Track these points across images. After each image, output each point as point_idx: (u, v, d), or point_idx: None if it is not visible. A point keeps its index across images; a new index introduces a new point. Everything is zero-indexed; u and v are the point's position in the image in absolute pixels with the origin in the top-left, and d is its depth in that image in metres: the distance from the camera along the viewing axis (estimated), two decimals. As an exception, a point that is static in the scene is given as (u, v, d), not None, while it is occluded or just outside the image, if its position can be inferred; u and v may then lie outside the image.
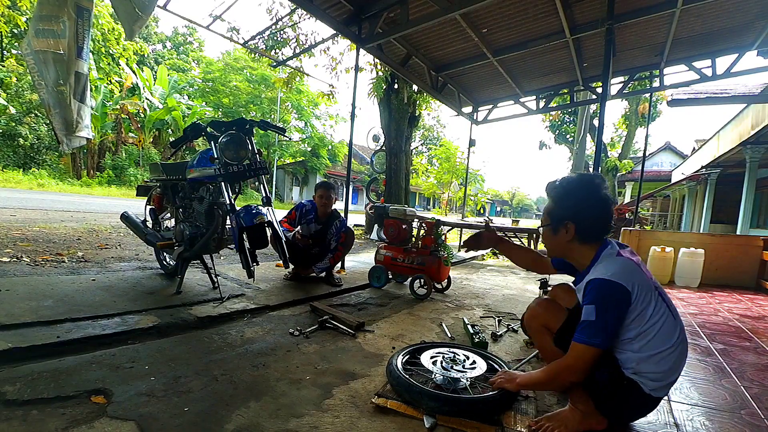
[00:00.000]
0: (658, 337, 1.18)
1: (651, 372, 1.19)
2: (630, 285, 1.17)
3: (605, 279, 1.18)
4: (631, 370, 1.20)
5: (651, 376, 1.19)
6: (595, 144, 3.42)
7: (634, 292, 1.17)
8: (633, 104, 15.58)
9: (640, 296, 1.18)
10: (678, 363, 1.22)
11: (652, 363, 1.18)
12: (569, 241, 1.31)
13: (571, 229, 1.29)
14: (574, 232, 1.29)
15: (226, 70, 25.40)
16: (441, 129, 23.57)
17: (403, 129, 8.60)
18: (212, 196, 2.62)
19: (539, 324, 1.39)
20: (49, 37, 2.98)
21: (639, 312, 1.18)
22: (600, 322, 1.15)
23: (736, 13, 4.56)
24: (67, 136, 3.23)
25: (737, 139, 7.68)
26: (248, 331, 2.22)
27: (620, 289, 1.16)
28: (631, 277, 1.19)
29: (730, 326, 2.98)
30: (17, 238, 4.00)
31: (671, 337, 1.20)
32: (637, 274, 1.21)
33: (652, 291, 1.21)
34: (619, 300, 1.16)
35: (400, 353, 1.77)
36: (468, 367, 1.68)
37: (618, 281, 1.16)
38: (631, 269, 1.21)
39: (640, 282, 1.19)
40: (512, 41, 5.22)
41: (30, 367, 1.54)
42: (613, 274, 1.18)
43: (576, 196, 1.30)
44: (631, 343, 1.21)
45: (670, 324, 1.21)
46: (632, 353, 1.20)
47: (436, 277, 3.48)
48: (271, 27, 8.01)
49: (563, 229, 1.31)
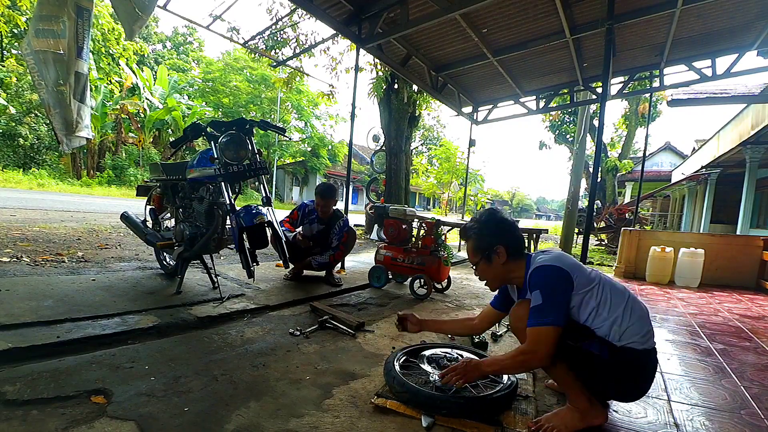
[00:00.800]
0: (614, 297, 1.31)
1: (630, 327, 1.27)
2: (565, 266, 1.31)
3: (543, 265, 1.33)
4: (617, 337, 1.27)
5: (632, 331, 1.27)
6: (595, 144, 3.42)
7: (570, 270, 1.30)
8: (633, 104, 15.56)
9: (577, 273, 1.31)
10: (642, 311, 1.32)
11: (626, 319, 1.28)
12: (504, 263, 1.45)
13: (502, 250, 1.44)
14: (505, 252, 1.44)
15: (226, 70, 25.40)
16: (441, 129, 23.58)
17: (403, 129, 8.60)
18: (212, 196, 2.62)
19: (524, 325, 1.40)
20: (49, 37, 2.98)
21: (585, 286, 1.30)
22: (549, 302, 1.26)
23: (736, 13, 4.56)
24: (67, 136, 3.23)
25: (737, 139, 7.68)
26: (248, 331, 2.22)
27: (557, 269, 1.30)
28: (562, 260, 1.34)
29: (730, 326, 2.98)
30: (17, 238, 4.00)
31: (622, 293, 1.33)
32: (567, 258, 1.36)
33: (584, 268, 1.36)
34: (560, 278, 1.29)
35: (398, 354, 1.77)
36: None
37: (553, 264, 1.31)
38: (561, 255, 1.37)
39: (572, 263, 1.34)
40: (512, 41, 5.22)
41: (30, 367, 1.54)
42: (547, 260, 1.34)
43: (491, 224, 1.48)
44: (599, 314, 1.30)
45: (613, 284, 1.35)
46: (607, 321, 1.29)
47: (436, 277, 3.48)
48: (271, 27, 8.01)
49: (495, 255, 1.45)
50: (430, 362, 1.72)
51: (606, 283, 1.35)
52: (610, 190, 15.42)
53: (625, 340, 1.27)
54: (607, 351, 1.27)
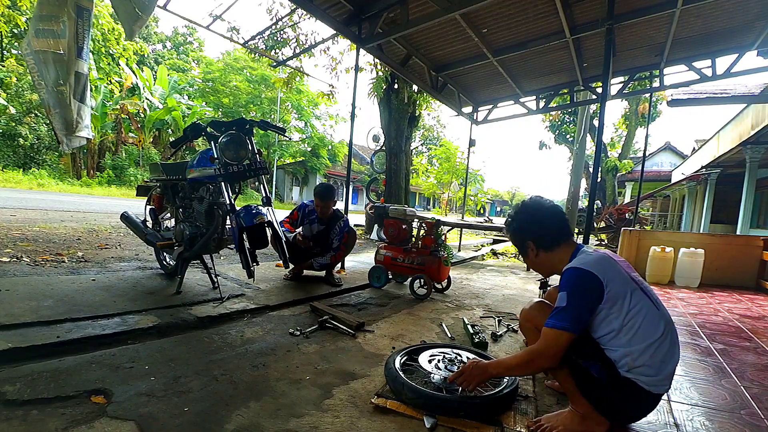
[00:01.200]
0: (644, 329, 1.20)
1: (644, 366, 1.20)
2: (601, 274, 1.22)
3: (576, 267, 1.26)
4: (625, 367, 1.21)
5: (644, 371, 1.20)
6: (595, 144, 3.42)
7: (606, 281, 1.22)
8: (633, 104, 15.58)
9: (613, 286, 1.22)
10: (669, 355, 1.22)
11: (645, 356, 1.19)
12: (538, 255, 1.45)
13: (532, 245, 1.45)
14: (534, 246, 1.44)
15: (226, 70, 25.38)
16: (441, 129, 23.53)
17: (403, 129, 8.60)
18: (212, 196, 2.62)
19: (533, 326, 1.40)
20: (49, 37, 2.98)
21: (616, 302, 1.21)
22: (570, 308, 1.21)
23: (736, 13, 4.55)
24: (67, 136, 3.23)
25: (737, 139, 7.68)
26: (248, 331, 2.22)
27: (590, 277, 1.22)
28: (602, 267, 1.25)
29: (730, 326, 2.98)
30: (17, 238, 4.00)
31: (657, 327, 1.21)
32: (610, 265, 1.27)
33: (629, 283, 1.25)
34: (589, 287, 1.22)
35: (398, 354, 1.77)
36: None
37: (589, 269, 1.24)
38: (604, 261, 1.28)
39: (614, 273, 1.25)
40: (512, 41, 5.22)
41: (30, 367, 1.54)
42: (585, 263, 1.26)
43: (519, 221, 1.49)
44: (618, 337, 1.22)
45: (653, 315, 1.23)
46: (622, 348, 1.21)
47: (436, 277, 3.48)
48: (271, 27, 8.01)
49: (529, 250, 1.46)
50: (430, 362, 1.72)
51: (644, 310, 1.23)
52: (610, 190, 15.43)
53: (634, 374, 1.20)
54: (606, 375, 1.23)
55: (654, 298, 1.28)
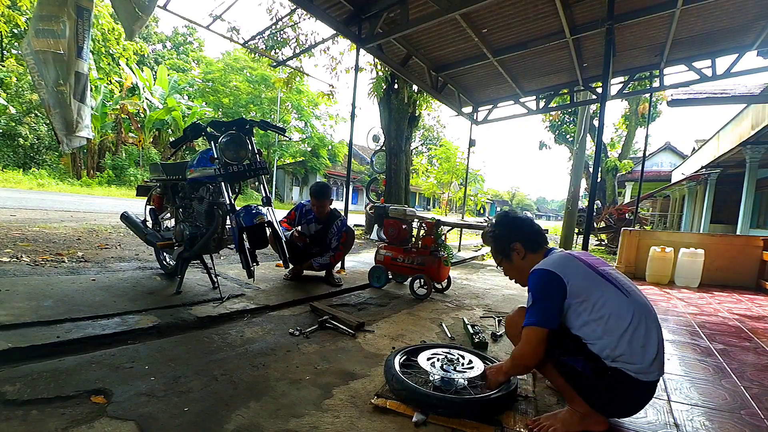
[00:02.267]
0: (614, 318, 1.25)
1: (624, 354, 1.22)
2: (561, 271, 1.31)
3: (537, 269, 1.37)
4: (609, 358, 1.24)
5: (627, 358, 1.22)
6: (595, 144, 3.42)
7: (566, 277, 1.30)
8: (633, 104, 15.57)
9: (575, 281, 1.30)
10: (647, 339, 1.24)
11: (623, 345, 1.22)
12: (524, 258, 1.51)
13: (519, 246, 1.52)
14: (522, 248, 1.51)
15: (226, 70, 25.38)
16: (441, 129, 23.51)
17: (403, 129, 8.60)
18: (212, 196, 2.62)
19: (518, 332, 1.42)
20: (49, 37, 2.98)
21: (580, 296, 1.28)
22: (536, 305, 1.31)
23: (736, 13, 4.55)
24: (67, 136, 3.23)
25: (737, 139, 7.68)
26: (248, 331, 2.22)
27: (549, 275, 1.32)
28: (562, 264, 1.34)
29: (730, 326, 2.98)
30: (17, 238, 4.00)
31: (626, 315, 1.25)
32: (570, 262, 1.36)
33: (592, 276, 1.32)
34: (549, 283, 1.31)
35: (398, 354, 1.77)
36: (465, 367, 1.68)
37: (548, 268, 1.33)
38: (565, 259, 1.37)
39: (574, 268, 1.33)
40: (512, 41, 5.22)
41: (30, 367, 1.54)
42: (545, 264, 1.36)
43: (504, 224, 1.58)
44: (591, 329, 1.26)
45: (621, 303, 1.27)
46: (600, 340, 1.25)
47: (436, 277, 3.48)
48: (271, 27, 8.01)
49: (514, 252, 1.53)
50: (429, 362, 1.72)
51: (611, 301, 1.27)
52: (610, 190, 15.42)
53: (619, 364, 1.22)
54: (590, 369, 1.25)
55: (624, 287, 1.31)
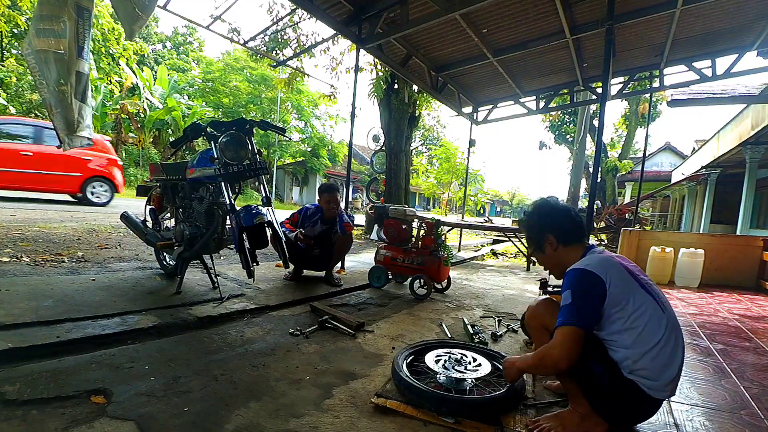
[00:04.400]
0: (648, 331, 1.20)
1: (646, 369, 1.19)
2: (603, 274, 1.24)
3: (579, 268, 1.29)
4: (627, 369, 1.21)
5: (646, 373, 1.19)
6: (595, 144, 3.42)
7: (608, 281, 1.23)
8: (633, 104, 15.59)
9: (616, 287, 1.23)
10: (671, 358, 1.21)
11: (645, 360, 1.19)
12: (556, 250, 1.44)
13: (552, 238, 1.44)
14: (555, 240, 1.43)
15: (226, 70, 25.37)
16: (441, 129, 23.48)
17: (403, 129, 8.60)
18: (212, 196, 2.62)
19: (539, 323, 1.41)
20: (50, 37, 2.98)
21: (619, 303, 1.23)
22: (575, 305, 1.23)
23: (736, 14, 4.56)
24: (68, 136, 3.23)
25: (737, 139, 7.68)
26: (248, 331, 2.22)
27: (592, 276, 1.25)
28: (605, 268, 1.27)
29: (729, 326, 2.98)
30: (17, 238, 4.00)
31: (657, 331, 1.21)
32: (613, 267, 1.28)
33: (633, 285, 1.26)
34: (591, 285, 1.24)
35: (404, 352, 1.78)
36: (473, 367, 1.69)
37: (591, 270, 1.26)
38: (608, 263, 1.30)
39: (617, 274, 1.26)
40: (512, 41, 5.22)
41: (30, 367, 1.54)
42: (588, 264, 1.28)
43: (539, 214, 1.49)
44: (621, 338, 1.22)
45: (657, 316, 1.23)
46: (625, 350, 1.21)
47: (436, 277, 3.48)
48: (272, 27, 8.01)
49: (547, 243, 1.45)
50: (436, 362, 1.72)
51: (648, 312, 1.23)
52: (610, 190, 15.44)
53: (635, 376, 1.20)
54: (608, 377, 1.23)
55: (661, 299, 1.28)
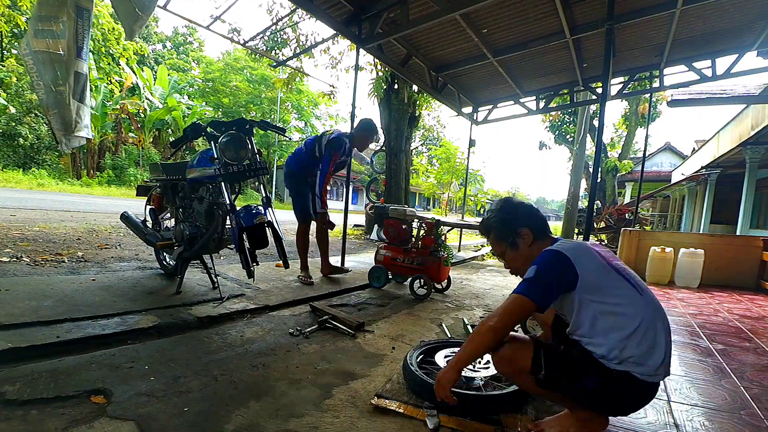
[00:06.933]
0: (625, 316, 1.17)
1: (633, 355, 1.15)
2: (574, 258, 1.21)
3: (551, 249, 1.26)
4: (616, 359, 1.17)
5: (635, 359, 1.15)
6: (595, 144, 3.42)
7: (579, 266, 1.20)
8: (633, 105, 15.58)
9: (588, 272, 1.20)
10: (656, 340, 1.17)
11: (632, 345, 1.15)
12: (531, 245, 1.39)
13: (527, 232, 1.39)
14: (531, 233, 1.39)
15: (226, 70, 25.42)
16: (441, 129, 23.47)
17: (403, 129, 8.60)
18: (212, 196, 2.62)
19: (513, 370, 1.28)
20: (48, 38, 2.98)
21: (594, 289, 1.19)
22: (536, 279, 1.19)
23: (736, 14, 4.55)
24: (66, 136, 3.23)
25: (737, 139, 7.68)
26: (248, 331, 2.22)
27: (561, 256, 1.22)
28: (577, 252, 1.24)
29: (729, 326, 2.98)
30: (17, 238, 4.00)
31: (638, 313, 1.18)
32: (586, 252, 1.25)
33: (607, 269, 1.23)
34: (558, 262, 1.21)
35: (416, 351, 1.79)
36: (482, 366, 1.69)
37: (563, 251, 1.23)
38: (580, 248, 1.27)
39: (589, 259, 1.23)
40: (512, 42, 5.22)
41: (30, 367, 1.54)
42: (561, 247, 1.26)
43: (510, 208, 1.45)
44: (602, 325, 1.18)
45: (635, 301, 1.20)
46: (608, 339, 1.17)
47: (436, 277, 3.48)
48: (271, 27, 8.01)
49: (520, 238, 1.40)
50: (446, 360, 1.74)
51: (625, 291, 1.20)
52: (610, 190, 15.43)
53: (626, 366, 1.16)
54: (601, 382, 1.18)
55: (637, 284, 1.24)
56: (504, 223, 1.43)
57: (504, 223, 1.43)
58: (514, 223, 1.41)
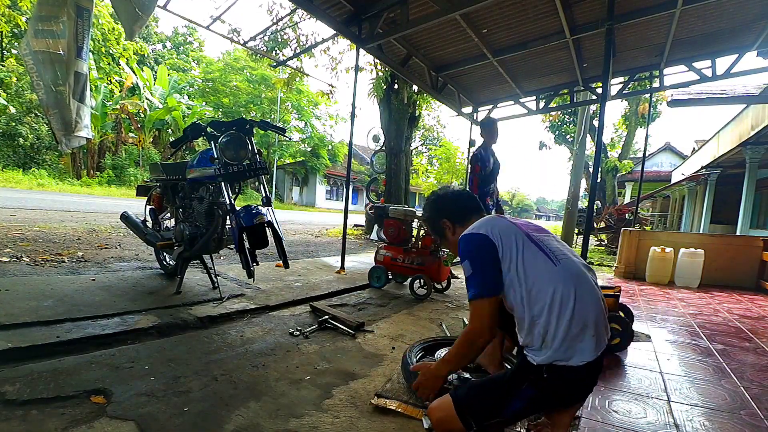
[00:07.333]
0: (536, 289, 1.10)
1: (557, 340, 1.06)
2: (489, 232, 1.21)
3: (466, 233, 1.27)
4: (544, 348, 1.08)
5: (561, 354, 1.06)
6: (595, 144, 3.42)
7: (495, 237, 1.20)
8: (633, 105, 15.57)
9: (505, 241, 1.19)
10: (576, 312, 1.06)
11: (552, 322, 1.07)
12: (455, 232, 1.42)
13: (447, 222, 1.45)
14: (450, 222, 1.45)
15: (226, 70, 25.39)
16: (441, 129, 23.50)
17: (403, 129, 8.60)
18: (212, 196, 2.62)
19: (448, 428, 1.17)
20: (48, 38, 2.98)
21: (507, 257, 1.17)
22: (476, 274, 1.19)
23: (736, 14, 4.55)
24: (65, 136, 3.23)
25: (737, 139, 7.68)
26: (248, 331, 2.22)
27: (478, 237, 1.22)
28: (489, 225, 1.25)
29: (729, 326, 2.98)
30: (17, 238, 4.00)
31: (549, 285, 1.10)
32: (498, 223, 1.26)
33: (520, 237, 1.20)
34: (481, 246, 1.21)
35: (415, 347, 1.80)
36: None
37: (475, 231, 1.25)
38: (491, 221, 1.28)
39: (502, 228, 1.23)
40: (512, 41, 5.22)
41: (30, 367, 1.54)
42: (474, 228, 1.27)
43: (430, 206, 1.52)
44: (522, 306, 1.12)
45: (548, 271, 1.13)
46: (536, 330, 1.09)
47: (436, 277, 3.48)
48: (272, 27, 8.01)
49: (444, 228, 1.46)
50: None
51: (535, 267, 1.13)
52: (610, 190, 15.43)
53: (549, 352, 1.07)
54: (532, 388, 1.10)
55: (554, 254, 1.17)
56: (428, 220, 1.53)
57: (428, 220, 1.53)
58: (435, 217, 1.48)
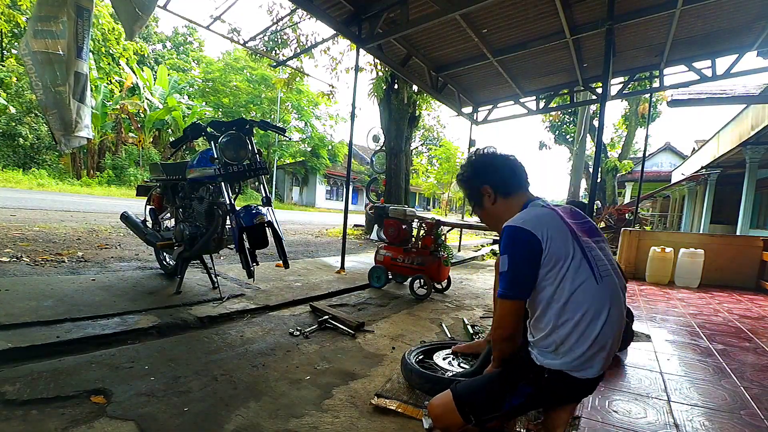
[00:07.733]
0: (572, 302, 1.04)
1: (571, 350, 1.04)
2: (537, 230, 1.08)
3: (513, 225, 1.12)
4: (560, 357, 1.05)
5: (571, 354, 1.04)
6: (595, 144, 3.42)
7: (543, 237, 1.08)
8: (633, 105, 15.58)
9: (554, 244, 1.08)
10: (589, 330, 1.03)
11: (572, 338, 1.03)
12: (494, 203, 1.30)
13: (489, 189, 1.30)
14: (492, 191, 1.29)
15: (226, 70, 25.40)
16: (441, 129, 23.51)
17: (403, 129, 8.60)
18: (212, 196, 2.62)
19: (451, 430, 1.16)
20: (48, 38, 2.98)
21: (551, 263, 1.07)
22: (511, 272, 1.10)
23: (736, 14, 4.55)
24: (65, 136, 3.22)
25: (737, 139, 7.68)
26: (248, 331, 2.22)
27: (523, 233, 1.09)
28: (540, 222, 1.11)
29: (729, 327, 2.98)
30: (17, 238, 4.00)
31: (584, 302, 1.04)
32: (552, 222, 1.12)
33: (571, 244, 1.09)
34: (524, 245, 1.09)
35: (413, 351, 1.80)
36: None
37: (522, 225, 1.10)
38: (546, 217, 1.14)
39: (555, 230, 1.10)
40: (512, 42, 5.22)
41: (30, 367, 1.54)
42: (524, 221, 1.12)
43: (473, 168, 1.34)
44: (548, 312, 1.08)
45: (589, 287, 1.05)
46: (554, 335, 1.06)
47: (436, 277, 3.48)
48: (272, 27, 8.01)
49: (484, 196, 1.31)
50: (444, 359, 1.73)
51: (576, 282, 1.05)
52: (610, 190, 15.44)
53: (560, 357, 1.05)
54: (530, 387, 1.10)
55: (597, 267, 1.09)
56: (467, 181, 1.35)
57: (467, 181, 1.35)
58: (476, 181, 1.32)
